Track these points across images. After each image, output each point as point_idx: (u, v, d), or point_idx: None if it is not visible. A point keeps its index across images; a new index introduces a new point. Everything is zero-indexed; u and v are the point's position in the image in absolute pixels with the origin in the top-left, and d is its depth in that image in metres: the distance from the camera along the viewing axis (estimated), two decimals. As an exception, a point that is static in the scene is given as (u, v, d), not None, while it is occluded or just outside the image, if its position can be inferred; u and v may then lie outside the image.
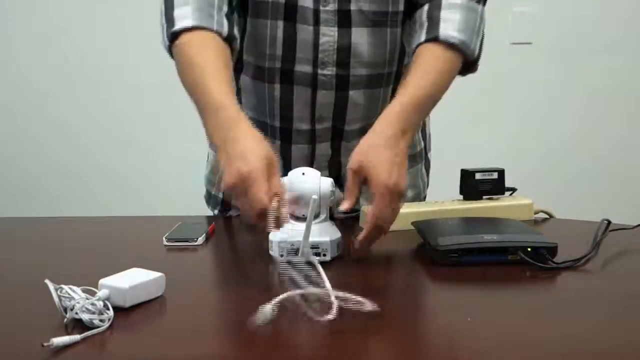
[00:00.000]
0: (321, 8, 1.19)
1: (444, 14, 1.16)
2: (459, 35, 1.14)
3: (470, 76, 1.27)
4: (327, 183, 1.04)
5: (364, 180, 1.00)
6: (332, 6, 1.19)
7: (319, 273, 0.89)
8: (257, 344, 0.80)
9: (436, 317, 0.88)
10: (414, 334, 0.83)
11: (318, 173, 1.05)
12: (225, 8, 1.17)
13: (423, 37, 1.15)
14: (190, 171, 2.69)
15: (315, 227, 1.00)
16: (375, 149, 1.01)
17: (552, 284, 0.98)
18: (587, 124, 2.74)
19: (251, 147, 0.95)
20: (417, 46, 1.15)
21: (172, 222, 1.21)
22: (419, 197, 1.42)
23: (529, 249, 1.01)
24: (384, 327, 0.83)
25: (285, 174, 1.04)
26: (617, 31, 2.68)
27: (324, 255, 1.01)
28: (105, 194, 2.83)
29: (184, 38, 1.12)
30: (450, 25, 1.14)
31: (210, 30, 1.12)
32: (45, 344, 0.73)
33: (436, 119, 1.44)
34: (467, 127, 2.71)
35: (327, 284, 0.87)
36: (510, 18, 2.65)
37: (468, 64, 1.18)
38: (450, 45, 1.14)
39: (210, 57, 1.09)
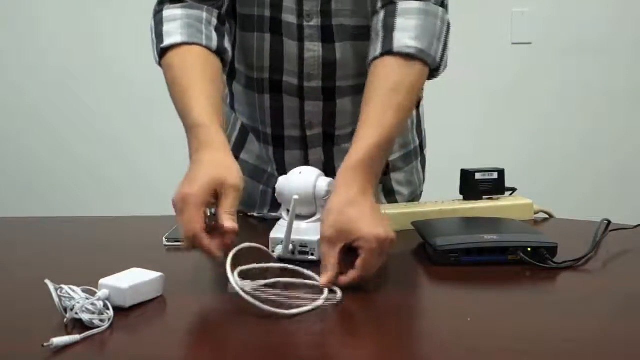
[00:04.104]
0: (305, 24, 1.19)
1: (399, 21, 1.08)
2: (415, 43, 1.06)
3: (470, 76, 1.27)
4: (323, 183, 1.04)
5: (343, 245, 0.92)
6: (315, 21, 1.19)
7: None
8: (257, 344, 0.80)
9: (436, 317, 0.88)
10: (414, 333, 0.83)
11: (316, 172, 1.05)
12: (214, 21, 1.17)
13: (378, 50, 1.08)
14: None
15: (307, 226, 1.03)
16: (346, 210, 0.93)
17: (552, 284, 0.98)
18: (587, 124, 2.74)
19: (204, 172, 0.95)
20: (374, 59, 1.08)
21: (172, 222, 1.21)
22: (415, 193, 1.42)
23: (529, 249, 1.01)
24: (383, 327, 0.83)
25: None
26: (617, 31, 2.69)
27: (312, 254, 1.01)
28: (104, 195, 2.83)
29: (171, 55, 1.12)
30: (406, 34, 1.07)
31: (199, 45, 1.13)
32: (45, 344, 0.73)
33: (436, 119, 1.44)
34: (467, 126, 2.71)
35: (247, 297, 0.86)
36: (510, 18, 2.66)
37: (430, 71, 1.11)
38: (407, 56, 1.06)
39: (194, 77, 1.09)
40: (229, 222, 0.92)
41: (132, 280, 0.86)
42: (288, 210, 1.01)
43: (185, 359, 0.75)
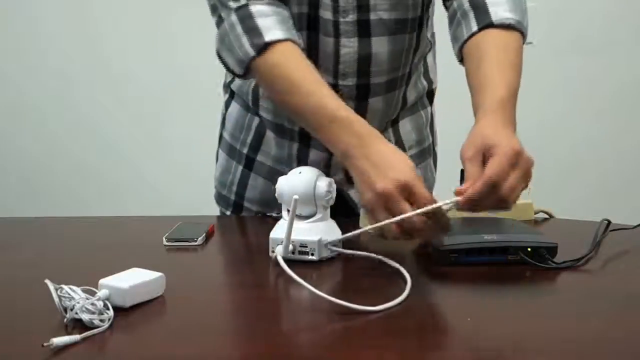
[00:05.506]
0: (341, 19, 1.18)
1: None
2: (512, 15, 1.11)
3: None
4: (323, 183, 1.04)
5: (483, 153, 0.95)
6: (351, 17, 1.18)
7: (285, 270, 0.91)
8: (257, 343, 0.80)
9: (436, 317, 0.88)
10: (414, 334, 0.83)
11: (316, 172, 1.05)
12: (291, 19, 1.16)
13: (475, 27, 1.11)
14: (190, 171, 2.69)
15: (308, 226, 1.03)
16: (485, 132, 0.97)
17: (552, 284, 0.98)
18: (587, 124, 2.74)
19: (401, 158, 0.98)
20: (470, 37, 1.11)
21: (172, 222, 1.21)
22: (429, 191, 1.42)
23: (529, 249, 1.01)
24: (383, 327, 0.83)
25: None
26: (617, 30, 2.68)
27: (312, 254, 1.02)
28: (104, 195, 2.83)
29: (275, 51, 1.10)
30: (501, 8, 1.11)
31: (295, 42, 1.12)
32: (45, 344, 0.73)
33: (436, 119, 1.44)
34: (467, 126, 2.71)
35: (298, 279, 0.89)
36: (511, 18, 2.65)
37: None
38: (507, 27, 1.10)
39: (315, 75, 1.09)
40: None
41: (132, 280, 0.86)
42: (288, 210, 1.01)
43: (185, 359, 0.75)
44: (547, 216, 1.30)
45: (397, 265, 0.95)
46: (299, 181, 1.04)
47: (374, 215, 0.96)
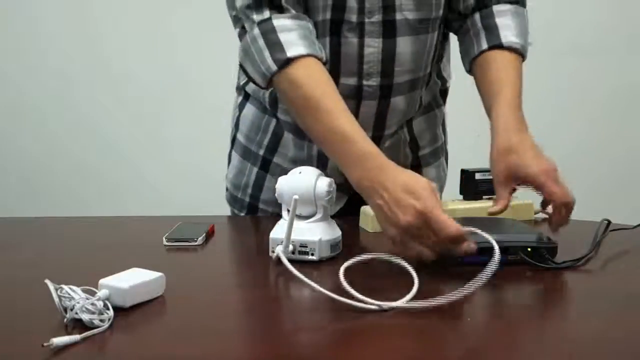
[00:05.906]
0: (366, 20, 1.19)
1: (499, 21, 1.23)
2: (518, 40, 1.23)
3: (469, 76, 1.27)
4: (323, 183, 1.04)
5: (515, 179, 1.11)
6: (377, 17, 1.19)
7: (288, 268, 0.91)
8: (257, 343, 0.80)
9: (436, 317, 0.88)
10: (414, 333, 0.83)
11: (316, 172, 1.06)
12: (314, 32, 1.16)
13: (485, 45, 1.23)
14: (190, 171, 2.69)
15: (308, 226, 1.03)
16: (510, 154, 1.11)
17: (552, 284, 0.98)
18: (586, 124, 2.74)
19: (414, 180, 0.99)
20: (480, 53, 1.23)
21: (172, 222, 1.21)
22: (441, 189, 1.43)
23: (529, 249, 1.01)
24: (383, 327, 0.83)
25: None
26: (615, 32, 2.69)
27: (312, 254, 1.02)
28: (104, 195, 2.83)
29: (297, 67, 1.11)
30: (509, 32, 1.23)
31: (317, 57, 1.12)
32: (45, 344, 0.73)
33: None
34: (466, 127, 2.71)
35: (300, 276, 0.89)
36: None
37: None
38: (513, 50, 1.23)
39: (335, 96, 1.10)
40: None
41: (132, 280, 0.86)
42: (288, 210, 1.01)
43: (185, 359, 0.75)
44: (547, 216, 1.30)
45: (405, 263, 0.94)
46: (299, 181, 1.04)
47: (405, 247, 0.98)
